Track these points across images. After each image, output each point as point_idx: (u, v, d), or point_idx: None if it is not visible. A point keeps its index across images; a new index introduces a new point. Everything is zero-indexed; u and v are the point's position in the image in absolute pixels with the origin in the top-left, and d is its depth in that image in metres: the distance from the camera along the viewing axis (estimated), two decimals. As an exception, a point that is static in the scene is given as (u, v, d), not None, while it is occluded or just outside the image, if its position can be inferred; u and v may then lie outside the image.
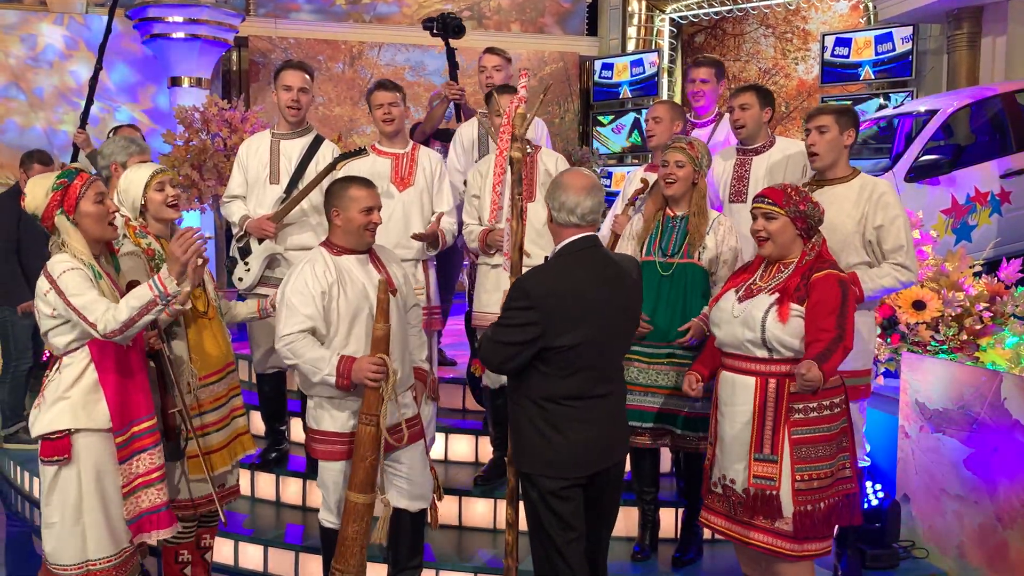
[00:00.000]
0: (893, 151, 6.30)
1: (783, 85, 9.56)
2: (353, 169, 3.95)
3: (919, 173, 6.06)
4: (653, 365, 3.68)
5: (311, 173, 4.22)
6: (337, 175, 3.93)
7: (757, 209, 3.09)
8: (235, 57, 9.53)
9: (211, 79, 8.81)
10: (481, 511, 4.32)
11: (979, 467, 3.72)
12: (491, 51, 4.86)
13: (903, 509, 4.03)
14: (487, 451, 4.58)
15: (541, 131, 4.60)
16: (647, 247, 3.74)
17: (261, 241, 4.23)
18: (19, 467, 5.43)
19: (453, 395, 5.14)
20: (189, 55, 8.48)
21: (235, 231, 4.34)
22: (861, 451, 3.82)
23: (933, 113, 6.33)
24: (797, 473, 2.96)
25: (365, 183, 3.30)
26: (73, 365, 2.96)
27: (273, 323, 3.38)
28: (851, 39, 8.48)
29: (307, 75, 4.31)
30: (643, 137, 9.49)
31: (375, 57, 9.85)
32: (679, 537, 4.01)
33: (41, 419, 2.96)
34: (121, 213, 3.25)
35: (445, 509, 4.07)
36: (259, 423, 4.69)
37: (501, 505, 4.17)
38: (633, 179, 4.28)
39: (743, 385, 3.05)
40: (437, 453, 4.68)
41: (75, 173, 2.96)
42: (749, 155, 4.12)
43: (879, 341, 4.45)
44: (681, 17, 10.14)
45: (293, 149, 4.32)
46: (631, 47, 10.21)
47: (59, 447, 2.94)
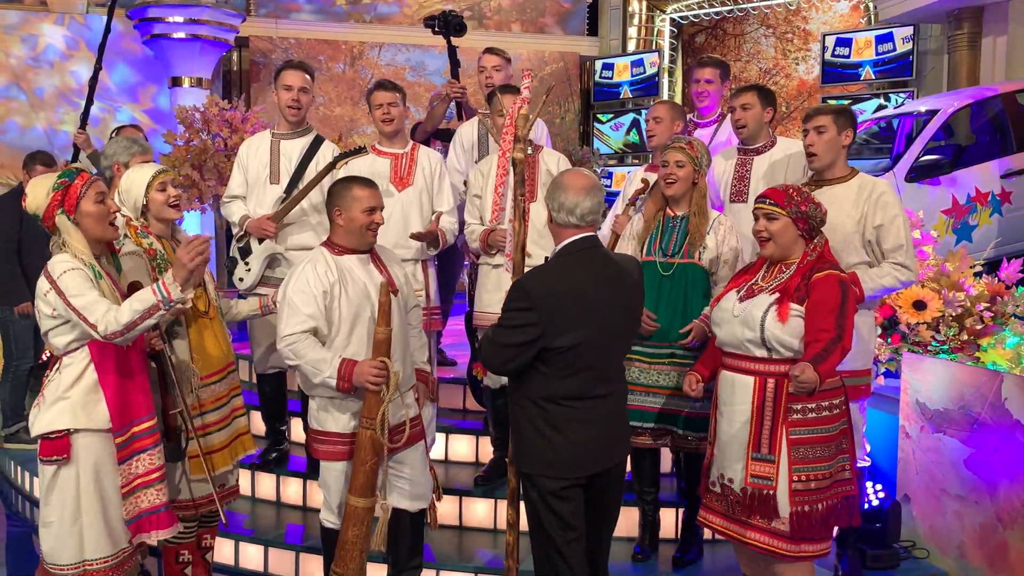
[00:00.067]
0: (894, 151, 6.29)
1: (784, 85, 9.55)
2: (352, 169, 3.95)
3: (920, 173, 6.06)
4: (654, 365, 3.68)
5: (311, 173, 4.22)
6: (337, 175, 3.94)
7: (759, 210, 3.10)
8: (235, 57, 9.53)
9: (212, 79, 8.81)
10: (481, 511, 4.32)
11: (980, 467, 3.72)
12: (491, 51, 4.86)
13: (904, 509, 4.03)
14: (487, 451, 4.58)
15: (541, 131, 4.60)
16: (647, 247, 3.74)
17: (261, 241, 4.23)
18: (19, 467, 5.44)
19: (453, 395, 5.13)
20: (190, 55, 8.48)
21: (235, 231, 4.35)
22: (861, 451, 3.82)
23: (934, 113, 6.32)
24: (794, 473, 2.96)
25: (368, 183, 3.30)
26: (73, 365, 2.96)
27: (274, 322, 3.38)
28: (852, 39, 8.47)
29: (307, 75, 4.32)
30: (642, 136, 9.60)
31: (376, 57, 9.85)
32: (679, 537, 4.02)
33: (41, 419, 2.97)
34: (122, 213, 3.25)
35: (445, 509, 4.08)
36: (259, 423, 4.69)
37: (501, 505, 4.17)
38: (633, 179, 4.28)
39: (742, 384, 3.05)
40: (437, 453, 4.67)
41: (76, 173, 2.96)
42: (750, 155, 4.12)
43: (880, 341, 4.45)
44: (682, 17, 10.14)
45: (293, 149, 4.32)
46: (631, 47, 10.21)
47: (58, 447, 2.94)
